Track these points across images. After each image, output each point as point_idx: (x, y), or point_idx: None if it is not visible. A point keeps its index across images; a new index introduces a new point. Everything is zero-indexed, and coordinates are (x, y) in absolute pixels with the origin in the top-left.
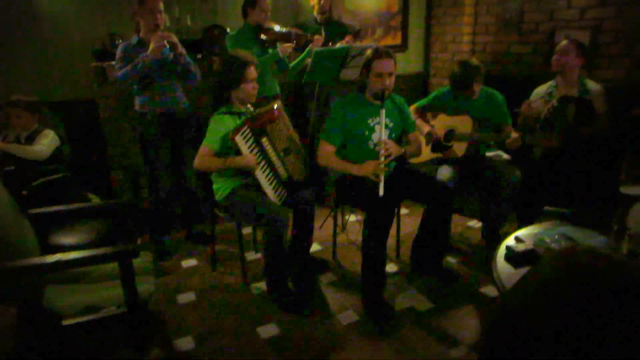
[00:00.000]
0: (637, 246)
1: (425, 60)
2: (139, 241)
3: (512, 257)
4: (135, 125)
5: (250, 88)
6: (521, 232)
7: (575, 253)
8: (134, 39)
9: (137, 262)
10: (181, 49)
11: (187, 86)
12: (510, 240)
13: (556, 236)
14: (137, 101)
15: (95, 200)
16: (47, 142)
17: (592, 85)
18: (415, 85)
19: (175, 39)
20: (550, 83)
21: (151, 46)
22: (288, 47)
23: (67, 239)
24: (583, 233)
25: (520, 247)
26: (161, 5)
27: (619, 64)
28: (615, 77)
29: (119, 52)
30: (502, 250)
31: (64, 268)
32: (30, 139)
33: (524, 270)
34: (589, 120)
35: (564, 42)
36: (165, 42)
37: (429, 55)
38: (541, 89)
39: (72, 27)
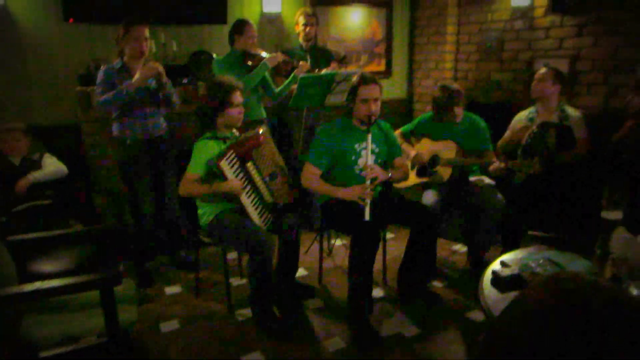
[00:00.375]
0: (620, 271)
1: (409, 86)
2: (121, 267)
3: (498, 281)
4: (115, 151)
5: (235, 113)
6: (506, 257)
7: (561, 279)
8: (117, 64)
9: (119, 289)
10: (166, 79)
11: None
12: (495, 265)
13: (541, 260)
14: (115, 127)
15: (77, 226)
16: (56, 160)
17: (572, 112)
18: (399, 111)
19: (161, 69)
20: (530, 109)
21: (137, 75)
22: (275, 56)
23: (48, 267)
24: (567, 257)
25: (506, 272)
26: (147, 33)
27: (597, 92)
28: (594, 104)
29: (100, 75)
30: (488, 275)
31: (43, 297)
32: (32, 163)
33: (510, 295)
34: (569, 146)
35: (542, 70)
36: (153, 74)
37: (413, 82)
38: (522, 115)
39: (56, 53)
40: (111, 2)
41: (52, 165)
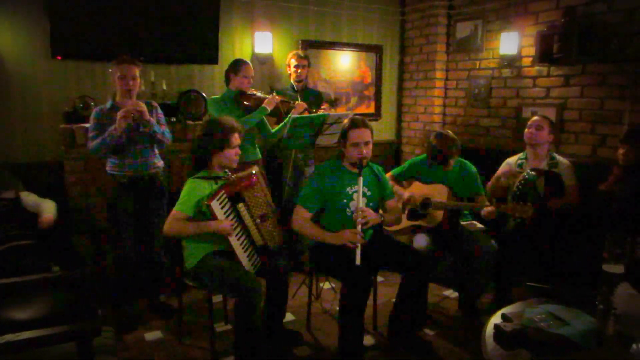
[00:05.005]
0: (625, 328)
1: (398, 128)
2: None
3: (502, 337)
4: (105, 188)
5: (233, 154)
6: (507, 310)
7: None
8: (108, 103)
9: (97, 340)
10: (147, 118)
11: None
12: (497, 318)
13: (544, 315)
14: (108, 164)
15: (55, 269)
16: (34, 195)
17: (561, 160)
18: (388, 153)
19: (142, 108)
20: (520, 155)
21: (117, 117)
22: (272, 99)
23: (21, 314)
24: (570, 312)
25: (509, 327)
26: (135, 71)
27: (584, 141)
28: (581, 152)
29: (91, 119)
30: (489, 329)
31: (14, 351)
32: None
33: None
34: (558, 193)
35: (537, 118)
36: (131, 116)
37: (402, 125)
38: (512, 160)
39: (42, 89)
40: (100, 39)
41: (44, 201)
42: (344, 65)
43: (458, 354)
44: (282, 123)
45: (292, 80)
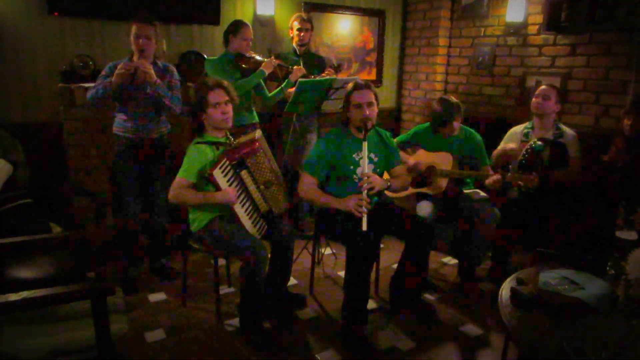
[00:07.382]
0: (638, 292)
1: (399, 96)
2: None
3: (520, 300)
4: (108, 149)
5: (218, 113)
6: (521, 274)
7: None
8: (124, 60)
9: (109, 299)
10: (149, 79)
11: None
12: (512, 282)
13: (558, 279)
14: (115, 122)
15: (56, 229)
16: None
17: (567, 130)
18: (388, 120)
19: (147, 69)
20: (525, 124)
21: (116, 71)
22: (270, 62)
23: (26, 273)
24: (583, 277)
25: (526, 290)
26: (148, 31)
27: (588, 111)
28: (584, 123)
29: (105, 69)
30: (506, 292)
31: (32, 308)
32: None
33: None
34: (562, 164)
35: (545, 87)
36: (129, 74)
37: (402, 92)
38: (517, 130)
39: (38, 48)
40: None
41: None
42: (346, 30)
43: (459, 318)
44: (279, 87)
45: (294, 44)
